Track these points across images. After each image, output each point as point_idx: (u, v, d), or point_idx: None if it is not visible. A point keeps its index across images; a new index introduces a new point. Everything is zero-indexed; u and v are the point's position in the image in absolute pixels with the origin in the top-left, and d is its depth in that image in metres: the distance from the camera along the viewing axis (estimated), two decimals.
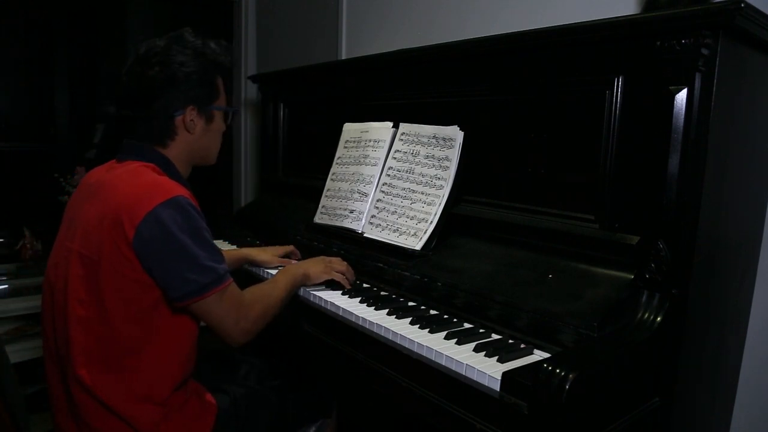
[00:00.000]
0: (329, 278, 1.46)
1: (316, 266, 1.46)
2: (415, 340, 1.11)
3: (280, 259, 1.68)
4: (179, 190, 1.10)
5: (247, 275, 1.70)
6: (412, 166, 1.57)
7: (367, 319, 1.24)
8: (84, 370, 1.09)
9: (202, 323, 1.18)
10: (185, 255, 1.07)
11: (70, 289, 1.10)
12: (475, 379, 0.98)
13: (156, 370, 1.13)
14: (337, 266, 1.48)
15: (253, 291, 1.25)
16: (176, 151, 1.23)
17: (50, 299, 1.16)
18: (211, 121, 1.26)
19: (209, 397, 1.25)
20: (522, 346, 1.10)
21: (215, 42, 1.25)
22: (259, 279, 1.64)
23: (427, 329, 1.17)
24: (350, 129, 1.83)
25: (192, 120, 1.22)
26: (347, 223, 1.67)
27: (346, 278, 1.48)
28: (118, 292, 1.08)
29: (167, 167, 1.21)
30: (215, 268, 1.10)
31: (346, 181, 1.75)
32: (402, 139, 1.63)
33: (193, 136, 1.23)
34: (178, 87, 1.18)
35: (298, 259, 1.73)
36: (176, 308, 1.12)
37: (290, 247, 1.75)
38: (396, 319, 1.24)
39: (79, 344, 1.09)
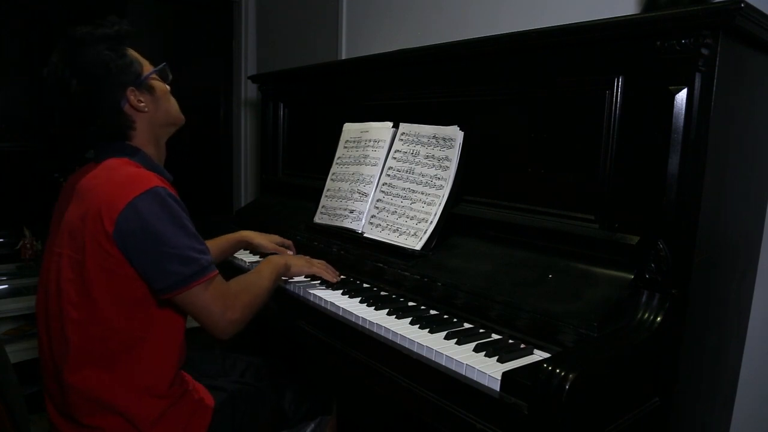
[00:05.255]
0: (309, 273, 1.49)
1: (298, 260, 1.49)
2: (415, 340, 1.11)
3: (275, 246, 1.69)
4: (156, 181, 1.10)
5: (231, 266, 1.73)
6: (412, 166, 1.57)
7: (367, 319, 1.24)
8: (81, 370, 1.09)
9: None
10: (165, 246, 1.06)
11: (63, 293, 1.10)
12: (475, 379, 0.99)
13: (153, 362, 1.14)
14: (317, 263, 1.51)
15: (239, 281, 1.24)
16: (142, 135, 1.22)
17: (44, 303, 1.17)
18: (153, 90, 1.24)
19: (206, 393, 1.25)
20: (522, 346, 1.11)
21: (98, 21, 1.20)
22: (243, 270, 1.65)
23: (427, 329, 1.18)
24: (350, 129, 1.83)
25: (138, 99, 1.20)
26: (347, 223, 1.67)
27: (327, 272, 1.50)
28: (107, 288, 1.08)
29: (140, 157, 1.21)
30: (198, 259, 1.09)
31: (346, 181, 1.75)
32: (402, 139, 1.63)
33: (148, 112, 1.22)
34: (105, 82, 1.15)
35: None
36: (162, 301, 1.12)
37: (288, 242, 1.74)
38: (396, 319, 1.24)
39: (76, 346, 1.09)
